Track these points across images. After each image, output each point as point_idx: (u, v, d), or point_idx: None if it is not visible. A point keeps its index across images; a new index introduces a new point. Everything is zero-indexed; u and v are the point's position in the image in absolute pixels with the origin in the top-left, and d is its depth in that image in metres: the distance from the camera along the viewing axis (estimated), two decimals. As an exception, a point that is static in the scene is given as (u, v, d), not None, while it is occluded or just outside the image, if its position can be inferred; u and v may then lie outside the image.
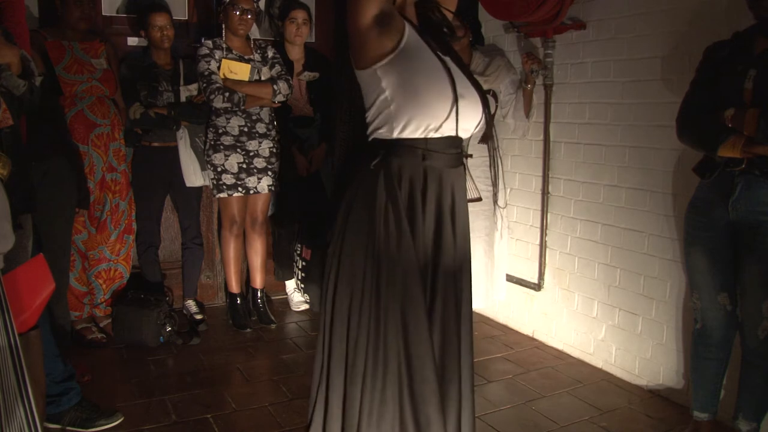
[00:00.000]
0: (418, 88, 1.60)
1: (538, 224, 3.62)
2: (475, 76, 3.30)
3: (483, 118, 1.72)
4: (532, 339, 3.72)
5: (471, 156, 3.45)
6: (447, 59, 1.70)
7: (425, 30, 1.76)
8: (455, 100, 1.60)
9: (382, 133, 1.68)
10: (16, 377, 1.62)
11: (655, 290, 2.98)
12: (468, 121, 1.68)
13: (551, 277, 3.59)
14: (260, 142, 3.54)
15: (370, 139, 1.73)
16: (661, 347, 2.97)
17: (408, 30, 1.65)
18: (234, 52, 3.50)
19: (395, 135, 1.65)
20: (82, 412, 2.49)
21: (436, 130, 1.64)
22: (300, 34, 3.72)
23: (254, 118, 3.52)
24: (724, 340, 2.42)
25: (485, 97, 1.73)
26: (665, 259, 2.92)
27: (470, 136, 1.81)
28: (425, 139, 1.65)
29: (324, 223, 3.76)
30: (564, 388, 3.06)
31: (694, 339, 2.50)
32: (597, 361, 3.32)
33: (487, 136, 3.44)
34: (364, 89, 1.71)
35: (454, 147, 1.70)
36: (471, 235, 3.49)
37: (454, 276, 1.72)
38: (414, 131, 1.64)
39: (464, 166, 1.79)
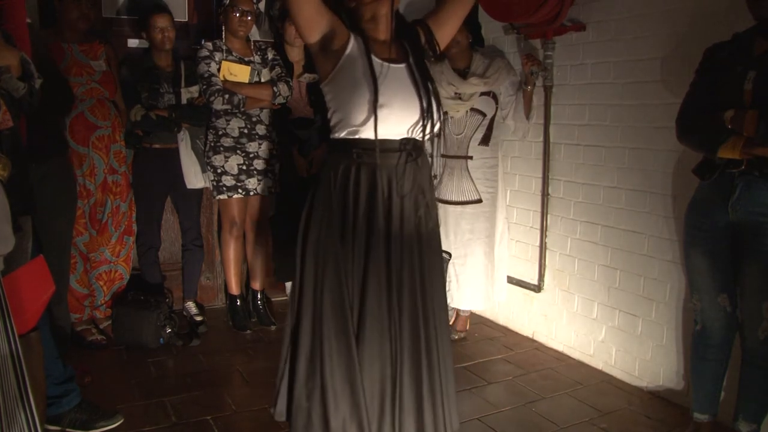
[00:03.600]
0: (342, 101, 1.88)
1: (538, 226, 3.62)
2: (475, 77, 3.36)
3: (420, 123, 1.90)
4: (532, 340, 3.72)
5: (471, 158, 3.46)
6: (398, 67, 1.90)
7: (406, 37, 1.98)
8: (374, 110, 1.81)
9: (333, 135, 1.96)
10: (17, 382, 1.62)
11: (655, 291, 2.98)
12: (392, 128, 1.87)
13: (551, 278, 3.59)
14: (260, 144, 3.54)
15: None
16: (661, 348, 2.97)
17: (351, 46, 1.88)
18: (234, 53, 3.50)
19: (336, 135, 1.94)
20: (82, 413, 2.49)
21: (357, 134, 1.88)
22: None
23: (254, 119, 3.53)
24: (724, 342, 2.42)
25: (431, 104, 1.90)
26: (665, 261, 2.92)
27: (435, 138, 1.99)
28: (355, 140, 1.89)
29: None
30: (564, 389, 3.06)
31: (694, 340, 2.50)
32: (597, 363, 3.32)
33: (487, 138, 3.47)
34: None
35: (389, 147, 1.90)
36: (471, 236, 3.54)
37: (388, 258, 1.91)
38: (346, 134, 1.90)
39: (416, 163, 1.94)
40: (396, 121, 1.87)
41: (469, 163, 3.47)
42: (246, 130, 3.51)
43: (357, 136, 1.88)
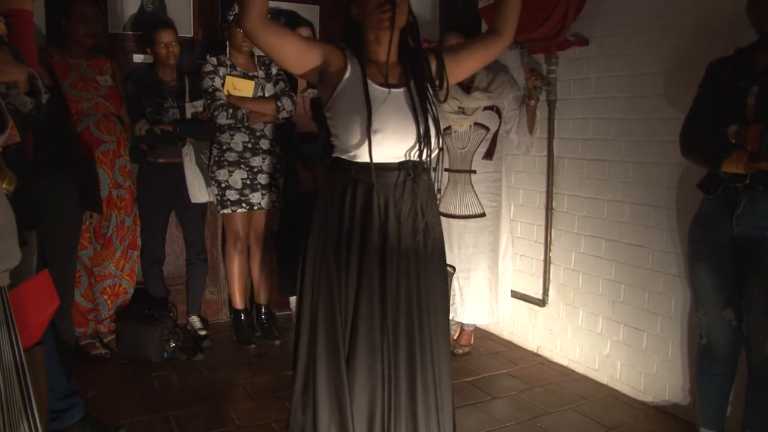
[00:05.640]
0: (339, 126, 1.93)
1: (542, 240, 3.62)
2: (479, 92, 3.37)
3: (417, 145, 1.92)
4: (537, 355, 3.71)
5: (475, 172, 3.47)
6: (397, 92, 1.93)
7: (411, 60, 1.99)
8: (368, 136, 1.85)
9: (333, 154, 2.02)
10: (22, 395, 1.62)
11: (660, 305, 2.97)
12: (387, 151, 1.90)
13: (555, 292, 3.58)
14: (264, 159, 3.56)
15: None
16: (667, 363, 2.96)
17: (349, 72, 1.92)
18: (238, 68, 3.52)
19: (335, 155, 2.00)
20: (85, 427, 2.48)
21: (355, 157, 1.92)
22: (304, 50, 3.73)
23: (258, 134, 3.54)
24: (730, 356, 2.41)
25: (428, 129, 1.92)
26: (670, 274, 2.92)
27: (436, 155, 1.99)
28: (353, 161, 1.93)
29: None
30: (569, 404, 3.05)
31: (700, 355, 2.49)
32: (602, 377, 3.30)
33: (491, 152, 3.48)
34: None
35: (387, 167, 1.92)
36: (475, 250, 3.54)
37: (382, 280, 1.93)
38: (345, 156, 1.95)
39: (415, 182, 1.96)
40: (390, 145, 1.90)
41: (473, 177, 3.47)
42: (250, 145, 3.52)
43: (355, 160, 1.93)
